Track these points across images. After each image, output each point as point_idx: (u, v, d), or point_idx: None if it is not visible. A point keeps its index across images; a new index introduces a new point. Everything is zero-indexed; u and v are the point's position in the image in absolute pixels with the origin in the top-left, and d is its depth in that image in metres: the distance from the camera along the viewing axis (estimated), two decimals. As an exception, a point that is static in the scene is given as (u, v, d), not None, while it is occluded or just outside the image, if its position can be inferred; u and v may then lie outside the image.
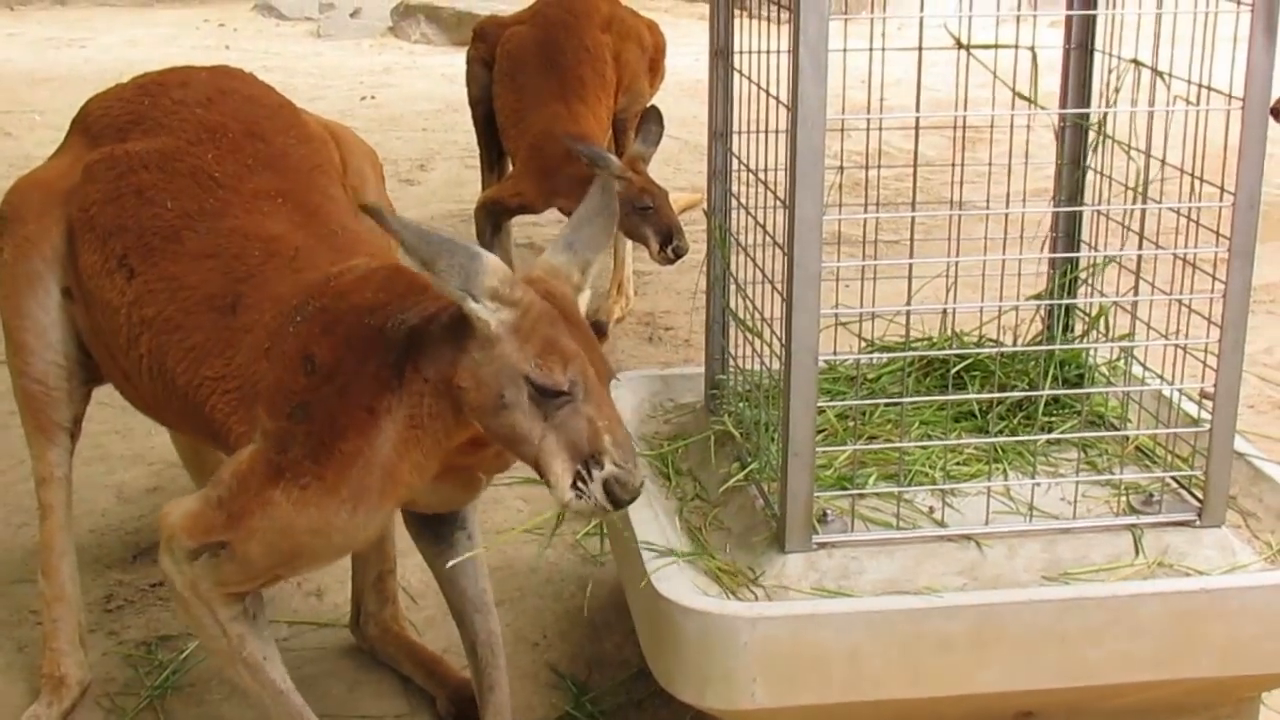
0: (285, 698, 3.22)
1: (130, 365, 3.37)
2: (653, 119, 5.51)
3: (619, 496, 2.72)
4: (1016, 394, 3.67)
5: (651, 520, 3.34)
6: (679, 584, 3.09)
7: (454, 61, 11.98)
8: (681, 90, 10.17)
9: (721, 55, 3.68)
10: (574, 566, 4.37)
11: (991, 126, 3.65)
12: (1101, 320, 3.80)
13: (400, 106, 11.36)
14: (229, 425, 3.13)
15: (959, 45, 3.28)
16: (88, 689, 3.86)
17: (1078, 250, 3.82)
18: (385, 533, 3.84)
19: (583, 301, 2.94)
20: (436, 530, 3.50)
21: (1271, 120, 3.08)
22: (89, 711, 3.83)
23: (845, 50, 3.11)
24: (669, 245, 5.45)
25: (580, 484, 2.73)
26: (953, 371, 3.75)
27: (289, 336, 3.03)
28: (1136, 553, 3.24)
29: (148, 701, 3.84)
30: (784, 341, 3.06)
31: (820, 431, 3.28)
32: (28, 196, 3.60)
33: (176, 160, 3.41)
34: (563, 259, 2.95)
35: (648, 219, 5.46)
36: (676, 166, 8.82)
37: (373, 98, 11.73)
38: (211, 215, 3.32)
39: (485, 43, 6.67)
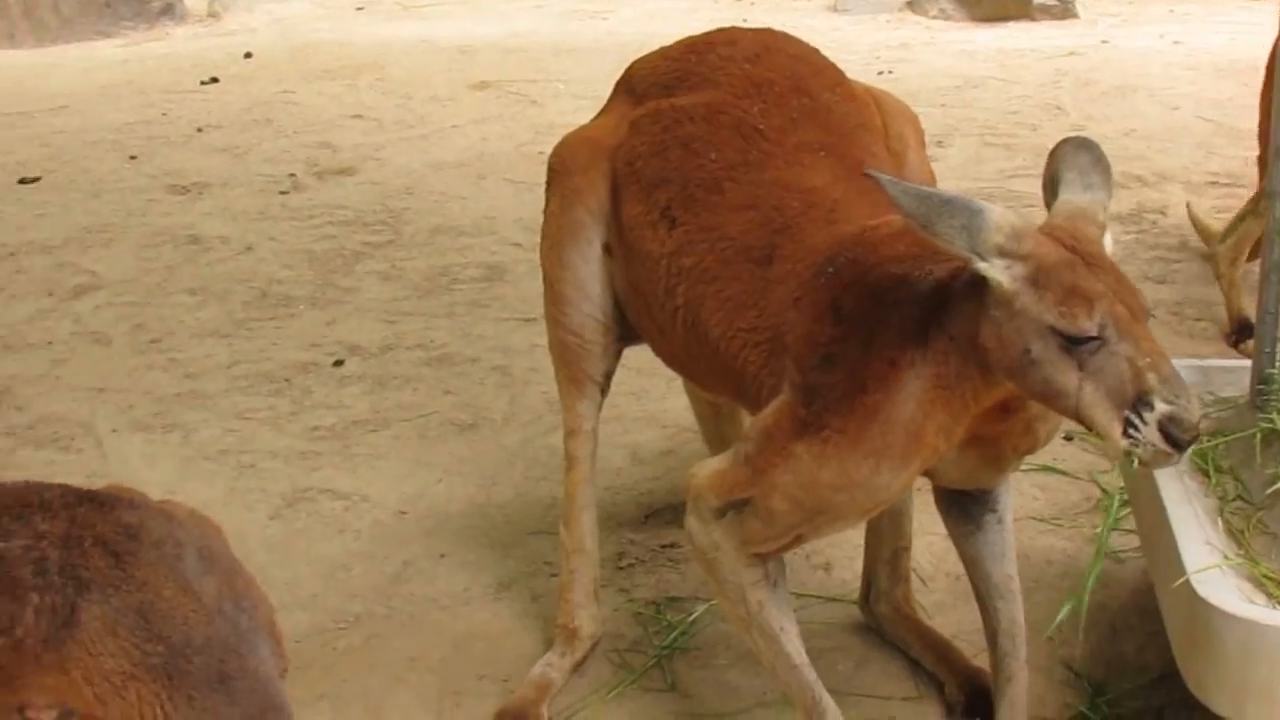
0: (799, 671, 3.20)
1: (665, 318, 3.42)
2: None
3: (1178, 437, 2.58)
4: None
5: (1191, 519, 3.16)
6: (1222, 589, 2.92)
7: (973, 38, 11.80)
8: (1217, 71, 9.73)
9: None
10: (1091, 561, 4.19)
11: None
12: None
13: (917, 82, 11.21)
14: (760, 379, 3.14)
15: None
16: (599, 643, 3.93)
17: None
18: (903, 508, 3.77)
19: (1107, 242, 2.80)
20: (966, 509, 3.40)
21: None
22: (599, 664, 3.90)
23: None
24: None
25: (1133, 430, 2.59)
26: None
27: (820, 287, 3.02)
28: None
29: (655, 661, 3.88)
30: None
31: (1385, 438, 3.05)
32: (575, 151, 3.70)
33: (722, 113, 3.44)
34: (1085, 199, 2.84)
35: None
36: (1209, 150, 8.39)
37: (890, 72, 11.62)
38: (754, 167, 3.33)
39: None
